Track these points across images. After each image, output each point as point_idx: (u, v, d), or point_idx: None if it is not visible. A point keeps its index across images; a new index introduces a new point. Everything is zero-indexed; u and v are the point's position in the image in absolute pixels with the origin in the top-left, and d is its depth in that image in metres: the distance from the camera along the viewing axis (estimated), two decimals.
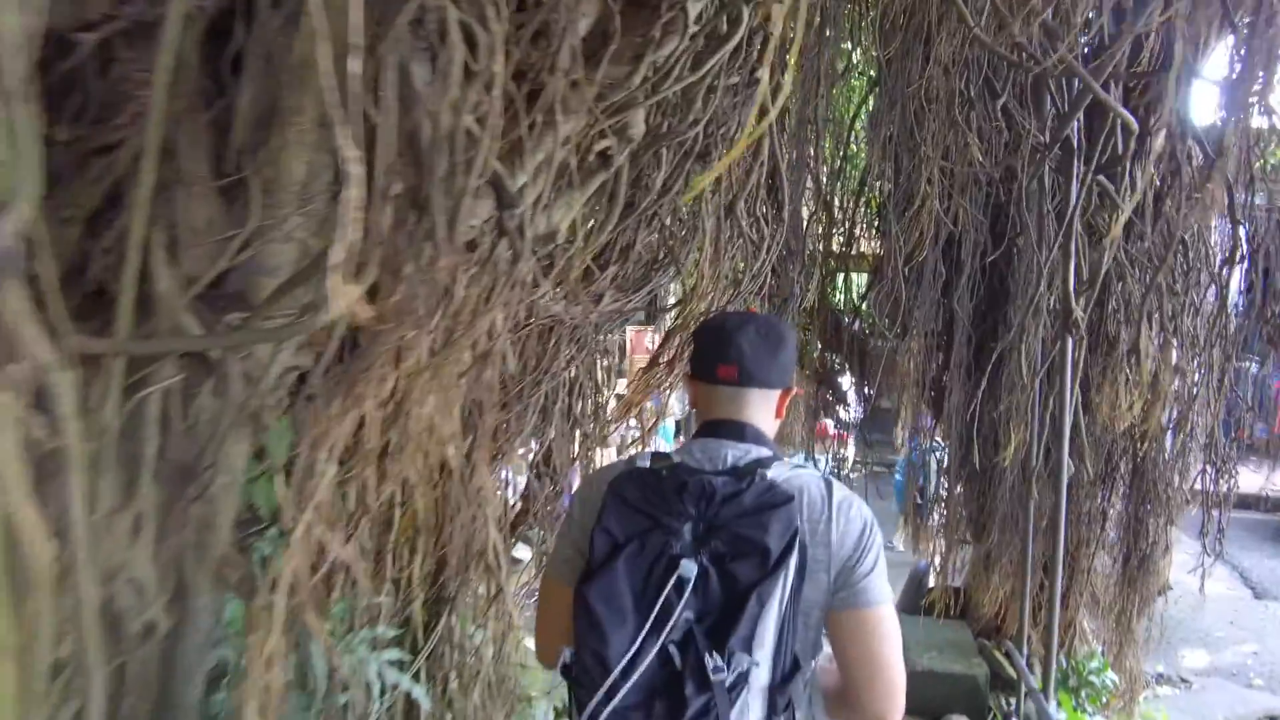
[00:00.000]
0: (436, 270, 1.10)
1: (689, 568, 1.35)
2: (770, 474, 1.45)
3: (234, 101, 1.55)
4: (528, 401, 2.78)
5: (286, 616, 1.40)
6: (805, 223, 4.31)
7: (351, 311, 0.92)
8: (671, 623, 1.32)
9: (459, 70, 1.12)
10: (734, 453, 1.53)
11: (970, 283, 3.96)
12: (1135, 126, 1.72)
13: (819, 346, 4.99)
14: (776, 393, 1.62)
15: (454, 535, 2.32)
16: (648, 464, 1.50)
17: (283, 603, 1.24)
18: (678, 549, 1.38)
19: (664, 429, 9.78)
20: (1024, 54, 1.75)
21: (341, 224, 0.85)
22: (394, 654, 2.46)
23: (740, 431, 1.56)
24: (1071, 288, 2.20)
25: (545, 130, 1.46)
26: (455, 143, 1.11)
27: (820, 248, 4.53)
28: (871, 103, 4.41)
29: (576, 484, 3.66)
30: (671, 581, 1.35)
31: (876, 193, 4.43)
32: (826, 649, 1.55)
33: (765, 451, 1.55)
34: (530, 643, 4.62)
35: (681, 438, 10.70)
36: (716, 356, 1.58)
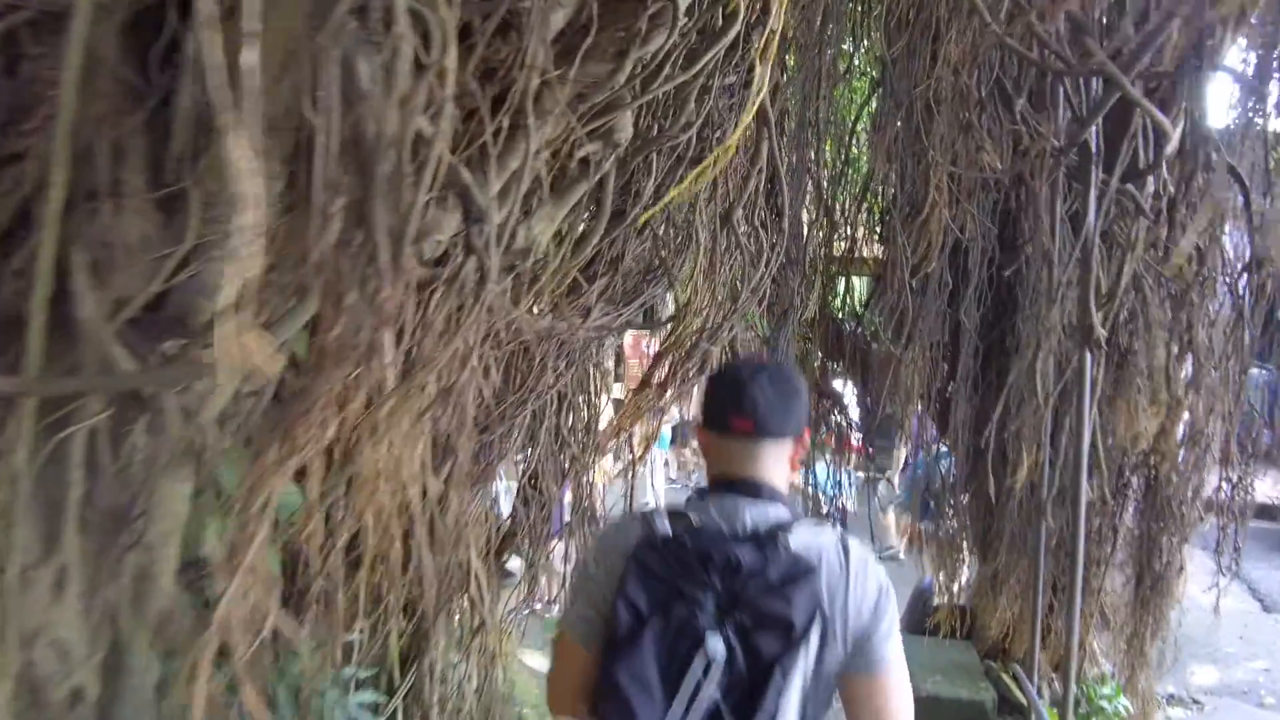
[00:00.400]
0: (381, 298, 0.94)
1: (715, 646, 1.36)
2: (792, 542, 1.43)
3: (170, 103, 1.39)
4: (512, 421, 2.62)
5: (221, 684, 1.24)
6: (806, 232, 4.15)
7: (255, 366, 0.76)
8: (698, 701, 1.34)
9: (408, 62, 0.96)
10: (752, 513, 1.49)
11: (977, 292, 3.80)
12: (1171, 131, 1.57)
13: (820, 356, 4.82)
14: (790, 442, 1.58)
15: (432, 567, 2.16)
16: (667, 526, 1.47)
17: (207, 675, 1.07)
18: (702, 623, 1.37)
19: (661, 438, 9.61)
20: (1047, 52, 1.59)
21: (233, 258, 0.69)
22: (368, 696, 2.30)
23: (756, 489, 1.52)
24: (1092, 303, 2.04)
25: (516, 134, 1.30)
26: (403, 146, 0.95)
27: (821, 254, 4.36)
28: (874, 104, 4.25)
29: (568, 498, 3.50)
30: (699, 660, 1.36)
31: (879, 198, 4.27)
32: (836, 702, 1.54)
33: (783, 512, 1.52)
34: (524, 658, 4.50)
35: (677, 446, 10.54)
36: (730, 408, 1.53)
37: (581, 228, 1.94)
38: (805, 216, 4.26)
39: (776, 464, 1.56)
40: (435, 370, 1.18)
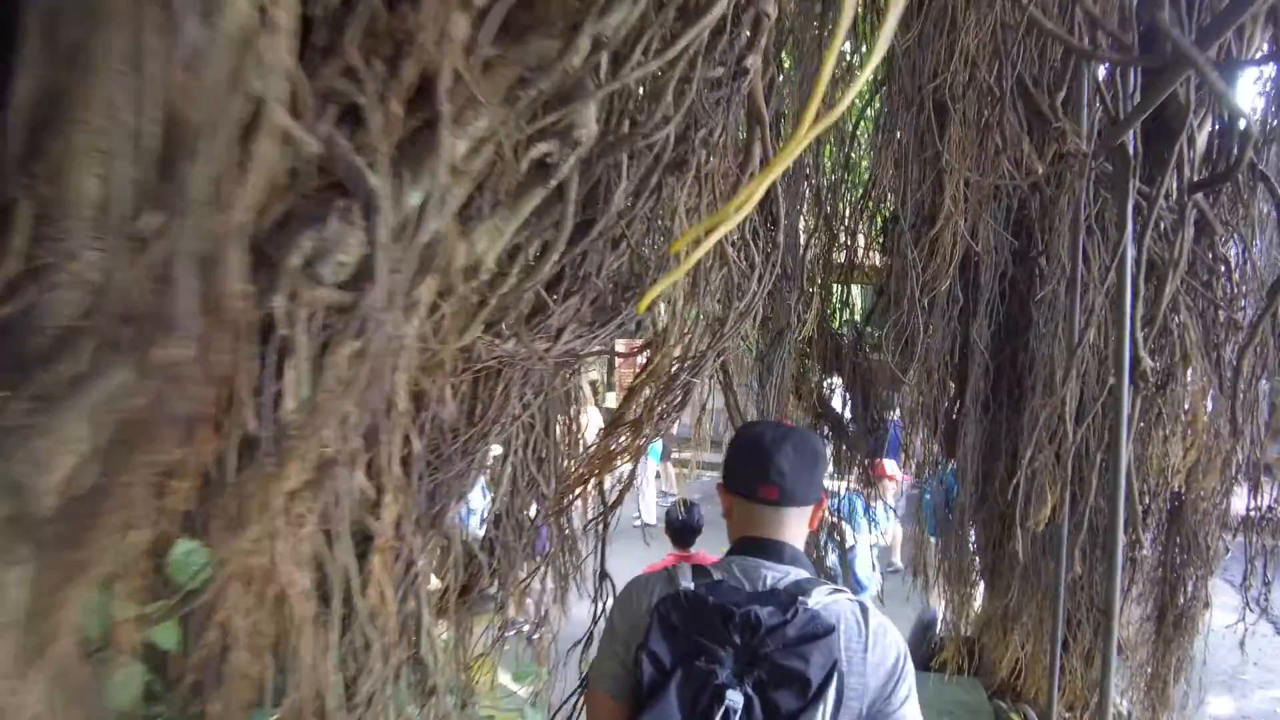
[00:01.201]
0: (177, 354, 0.64)
1: (735, 699, 1.41)
2: (811, 603, 1.49)
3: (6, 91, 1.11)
4: (472, 457, 2.33)
5: None
6: (803, 243, 3.84)
7: None
8: None
9: (242, 14, 0.66)
10: (773, 575, 1.57)
11: (989, 307, 3.51)
12: (1254, 129, 1.30)
13: (818, 372, 4.52)
14: (811, 507, 1.65)
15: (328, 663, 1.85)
16: (690, 582, 1.55)
17: None
18: (722, 678, 1.42)
19: (652, 449, 9.33)
20: (1104, 37, 1.31)
21: None
22: None
23: (779, 552, 1.60)
24: (1138, 331, 1.75)
25: (429, 127, 1.01)
26: (221, 136, 0.65)
27: (820, 265, 4.06)
28: (877, 105, 3.96)
29: (546, 539, 3.21)
30: (719, 715, 1.40)
31: (883, 205, 3.96)
32: None
33: (803, 573, 1.59)
34: (504, 678, 4.25)
35: (666, 462, 10.25)
36: (756, 477, 1.61)
37: (542, 240, 1.64)
38: (802, 225, 3.96)
39: (799, 527, 1.64)
40: (312, 443, 0.89)
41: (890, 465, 5.26)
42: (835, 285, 4.60)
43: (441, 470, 2.19)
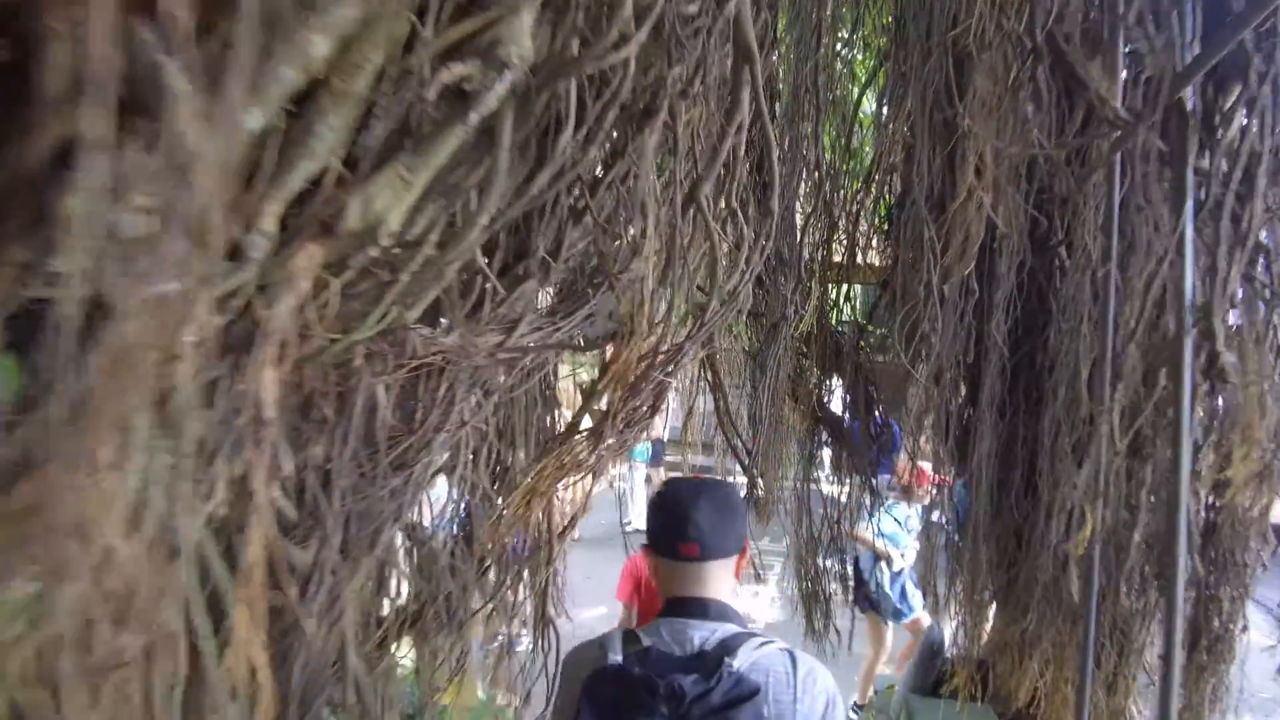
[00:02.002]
0: None
1: None
2: (736, 664, 1.49)
3: None
4: (410, 470, 1.98)
5: None
6: (801, 227, 3.50)
7: None
8: None
9: None
10: (700, 634, 1.58)
11: (1006, 301, 3.17)
12: None
13: (816, 374, 4.16)
14: (734, 558, 1.66)
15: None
16: (619, 653, 1.56)
17: None
18: None
19: (640, 451, 8.98)
20: None
21: None
22: None
23: (705, 609, 1.61)
24: (1216, 319, 1.42)
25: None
26: None
27: (820, 255, 3.71)
28: (880, 80, 3.61)
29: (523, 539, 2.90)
30: None
31: (888, 189, 3.61)
32: None
33: (731, 628, 1.59)
34: (482, 693, 3.98)
35: (659, 467, 9.90)
36: (675, 536, 1.62)
37: (468, 199, 1.29)
38: (800, 210, 3.62)
39: (723, 580, 1.65)
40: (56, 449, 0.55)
41: (928, 468, 4.87)
42: (836, 281, 4.26)
43: (372, 488, 1.84)
